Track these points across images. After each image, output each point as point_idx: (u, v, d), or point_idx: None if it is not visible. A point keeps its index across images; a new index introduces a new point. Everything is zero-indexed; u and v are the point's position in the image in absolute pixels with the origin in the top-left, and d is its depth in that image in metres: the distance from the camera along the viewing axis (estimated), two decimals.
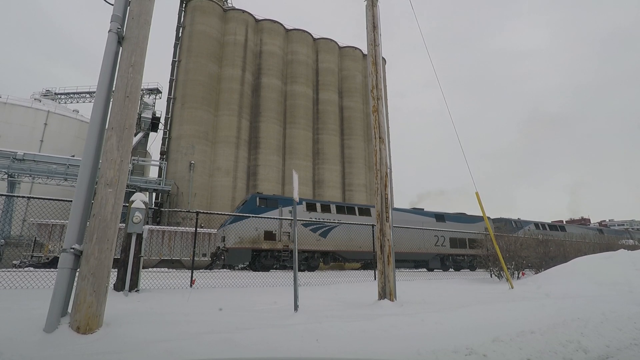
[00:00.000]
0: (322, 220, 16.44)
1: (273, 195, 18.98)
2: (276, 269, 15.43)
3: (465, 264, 20.46)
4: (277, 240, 15.53)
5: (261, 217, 13.99)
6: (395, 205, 30.16)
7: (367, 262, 18.41)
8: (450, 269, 19.83)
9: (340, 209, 17.93)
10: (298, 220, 15.09)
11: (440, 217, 21.14)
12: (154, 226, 18.31)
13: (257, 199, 16.28)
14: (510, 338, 3.43)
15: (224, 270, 15.12)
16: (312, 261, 16.20)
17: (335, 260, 17.04)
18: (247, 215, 14.17)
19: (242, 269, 15.66)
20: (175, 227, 17.79)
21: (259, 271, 14.13)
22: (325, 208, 17.56)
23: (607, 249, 14.07)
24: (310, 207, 17.20)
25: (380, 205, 5.88)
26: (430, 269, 19.08)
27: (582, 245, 14.52)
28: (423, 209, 22.10)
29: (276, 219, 14.72)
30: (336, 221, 16.14)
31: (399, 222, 17.81)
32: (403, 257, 17.99)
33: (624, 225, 71.20)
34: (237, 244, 14.84)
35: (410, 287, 7.90)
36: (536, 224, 23.74)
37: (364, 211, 18.52)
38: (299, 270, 15.58)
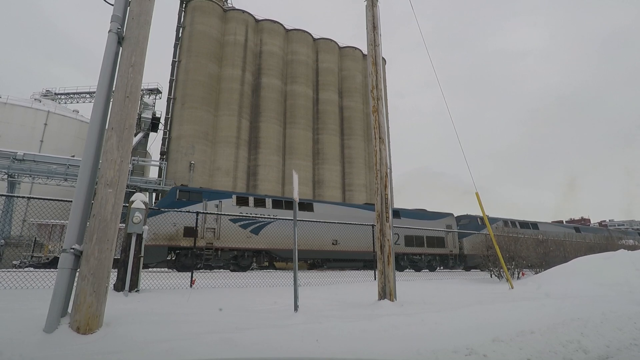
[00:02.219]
0: (254, 215, 15.05)
1: (198, 187, 17.46)
2: (200, 268, 14.13)
3: (423, 263, 19.33)
4: (198, 237, 13.95)
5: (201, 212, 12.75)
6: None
7: (311, 261, 17.23)
8: (407, 269, 18.58)
9: (277, 204, 16.46)
10: (224, 214, 13.42)
11: (394, 213, 19.53)
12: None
13: (177, 191, 14.80)
14: (510, 338, 3.43)
15: (224, 270, 15.05)
16: (242, 260, 14.87)
17: (273, 259, 15.79)
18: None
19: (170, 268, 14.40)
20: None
21: (181, 271, 12.99)
22: (259, 202, 16.15)
23: (589, 249, 14.00)
24: (241, 201, 15.77)
25: (380, 205, 5.88)
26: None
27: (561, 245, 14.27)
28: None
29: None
30: (271, 216, 14.76)
31: (349, 219, 16.78)
32: (350, 256, 16.86)
33: (623, 225, 71.21)
34: (151, 241, 13.09)
35: (410, 287, 7.90)
36: (505, 221, 22.94)
37: (306, 206, 16.98)
38: (228, 269, 14.53)
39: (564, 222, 69.08)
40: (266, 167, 30.71)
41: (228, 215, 13.53)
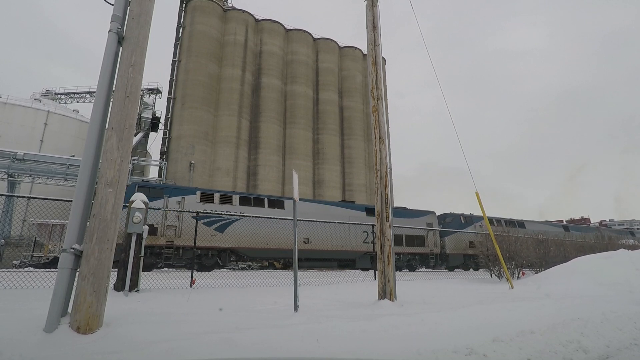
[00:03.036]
0: (219, 212, 14.04)
1: (159, 183, 16.64)
2: (160, 267, 13.47)
3: (402, 263, 18.52)
4: (158, 235, 13.35)
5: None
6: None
7: (283, 261, 16.35)
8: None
9: (245, 201, 15.81)
10: (186, 211, 12.84)
11: (371, 210, 18.56)
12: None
13: (137, 187, 13.96)
14: (510, 338, 3.43)
15: (224, 270, 15.02)
16: (206, 260, 14.19)
17: (240, 259, 15.27)
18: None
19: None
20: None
21: (143, 271, 12.64)
22: (226, 199, 15.42)
23: (580, 248, 13.80)
24: (206, 197, 15.03)
25: (381, 205, 5.88)
26: (365, 269, 16.73)
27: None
28: (354, 202, 20.25)
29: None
30: (238, 213, 14.06)
31: (322, 216, 16.00)
32: (323, 255, 16.34)
33: (623, 225, 71.11)
34: None
35: (410, 287, 7.90)
36: (489, 219, 23.04)
37: (276, 203, 16.36)
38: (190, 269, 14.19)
39: (564, 221, 68.90)
40: (266, 167, 30.70)
41: (189, 212, 12.52)
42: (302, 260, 16.18)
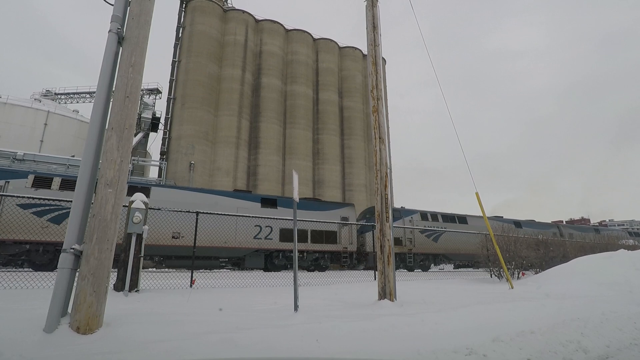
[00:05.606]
0: (46, 198, 11.62)
1: None
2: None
3: (306, 262, 16.15)
4: None
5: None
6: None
7: (150, 258, 13.45)
8: (286, 269, 15.51)
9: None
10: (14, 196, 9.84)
11: (269, 201, 16.49)
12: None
13: None
14: (510, 338, 3.43)
15: (224, 270, 15.02)
16: (37, 256, 11.57)
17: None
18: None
19: None
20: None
21: None
22: (68, 185, 12.75)
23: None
24: (41, 182, 12.51)
25: (380, 205, 5.88)
26: (266, 269, 15.12)
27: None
28: (250, 192, 18.37)
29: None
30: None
31: (205, 207, 13.39)
32: (200, 252, 13.35)
33: (623, 225, 71.08)
34: None
35: (410, 287, 7.90)
36: (423, 214, 20.20)
37: (140, 190, 13.32)
38: (21, 268, 11.39)
39: (564, 222, 68.91)
40: (266, 167, 30.71)
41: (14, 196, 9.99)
42: (171, 259, 13.94)
